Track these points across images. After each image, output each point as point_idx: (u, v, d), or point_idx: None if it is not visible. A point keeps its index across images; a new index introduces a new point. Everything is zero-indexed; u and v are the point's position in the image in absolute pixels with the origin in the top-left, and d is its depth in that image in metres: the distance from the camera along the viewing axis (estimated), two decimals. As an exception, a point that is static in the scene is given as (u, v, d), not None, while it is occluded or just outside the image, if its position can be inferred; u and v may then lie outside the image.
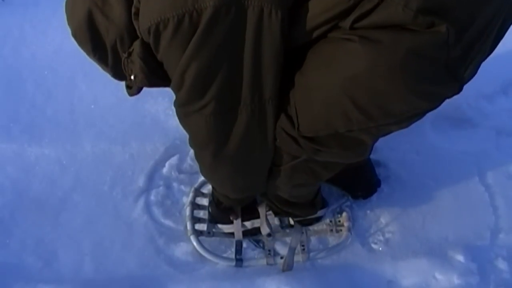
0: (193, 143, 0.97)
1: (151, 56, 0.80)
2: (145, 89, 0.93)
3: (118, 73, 0.90)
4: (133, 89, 0.93)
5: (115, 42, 0.83)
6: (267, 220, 1.32)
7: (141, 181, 1.43)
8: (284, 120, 0.86)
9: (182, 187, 1.44)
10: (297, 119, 0.85)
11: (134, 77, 0.85)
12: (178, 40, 0.74)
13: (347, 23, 0.72)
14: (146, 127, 1.54)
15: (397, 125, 0.86)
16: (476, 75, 0.85)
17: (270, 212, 1.34)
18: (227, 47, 0.74)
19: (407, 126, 0.88)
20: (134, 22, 0.79)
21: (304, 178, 1.05)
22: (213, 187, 1.32)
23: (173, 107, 0.89)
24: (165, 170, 1.47)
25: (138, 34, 0.80)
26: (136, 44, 0.81)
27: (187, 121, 0.90)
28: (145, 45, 0.79)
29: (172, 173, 1.47)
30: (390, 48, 0.71)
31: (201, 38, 0.72)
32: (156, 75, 0.84)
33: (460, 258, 1.27)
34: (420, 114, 0.85)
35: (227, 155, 0.93)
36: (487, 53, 0.83)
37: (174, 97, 0.87)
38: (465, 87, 0.81)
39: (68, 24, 0.87)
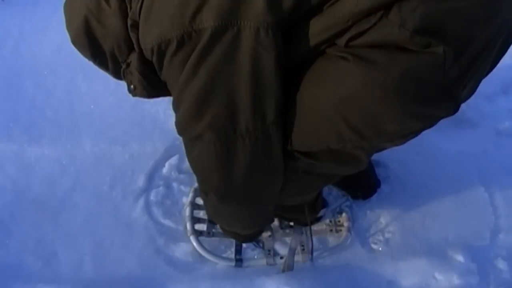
0: (196, 176, 0.94)
1: (149, 69, 0.80)
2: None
3: (120, 76, 0.90)
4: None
5: (113, 49, 0.84)
6: (267, 221, 1.32)
7: (141, 181, 1.43)
8: None
9: (182, 187, 1.44)
10: (291, 133, 0.83)
11: (134, 88, 0.85)
12: (178, 59, 0.73)
13: (342, 40, 0.71)
14: (146, 127, 1.54)
15: (391, 142, 0.85)
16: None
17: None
18: (224, 68, 0.73)
19: (401, 144, 0.86)
20: (131, 35, 0.78)
21: (302, 189, 1.04)
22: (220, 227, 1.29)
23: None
24: (165, 170, 1.47)
25: (135, 47, 0.79)
26: (134, 58, 0.81)
27: (190, 151, 0.87)
28: (143, 59, 0.79)
29: (172, 173, 1.47)
30: (384, 69, 0.70)
31: (198, 58, 0.71)
32: (154, 88, 0.84)
33: (460, 258, 1.27)
34: (414, 133, 0.83)
35: (234, 189, 0.89)
36: (487, 71, 0.82)
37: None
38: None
39: (67, 30, 0.87)
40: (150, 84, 0.83)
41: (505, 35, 0.77)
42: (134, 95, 0.90)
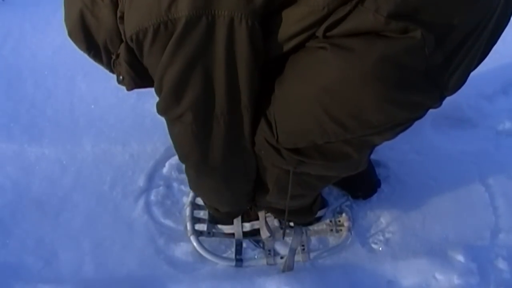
0: (177, 152, 0.98)
1: (137, 60, 0.81)
2: (145, 89, 0.93)
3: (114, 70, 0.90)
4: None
5: (106, 41, 0.85)
6: (266, 224, 1.32)
7: (141, 181, 1.43)
8: (266, 131, 0.86)
9: (182, 187, 1.44)
10: (276, 130, 0.84)
11: (122, 79, 0.87)
12: (156, 48, 0.75)
13: (320, 31, 0.71)
14: (146, 127, 1.54)
15: (379, 135, 0.84)
16: (476, 75, 0.83)
17: (269, 213, 1.34)
18: (200, 56, 0.75)
19: (391, 138, 0.85)
20: (120, 26, 0.80)
21: (299, 191, 1.04)
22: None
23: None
24: (165, 170, 1.47)
25: (123, 38, 0.81)
26: (122, 48, 0.82)
27: (172, 129, 0.91)
28: (130, 50, 0.80)
29: (172, 173, 1.47)
30: (361, 56, 0.69)
31: (175, 46, 0.73)
32: (142, 78, 0.85)
33: (460, 258, 1.28)
34: (403, 125, 0.82)
35: (210, 166, 0.94)
36: (477, 60, 0.80)
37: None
38: (464, 86, 0.80)
39: (64, 23, 0.88)
40: (137, 74, 0.85)
41: (494, 22, 0.75)
42: (123, 85, 0.92)
